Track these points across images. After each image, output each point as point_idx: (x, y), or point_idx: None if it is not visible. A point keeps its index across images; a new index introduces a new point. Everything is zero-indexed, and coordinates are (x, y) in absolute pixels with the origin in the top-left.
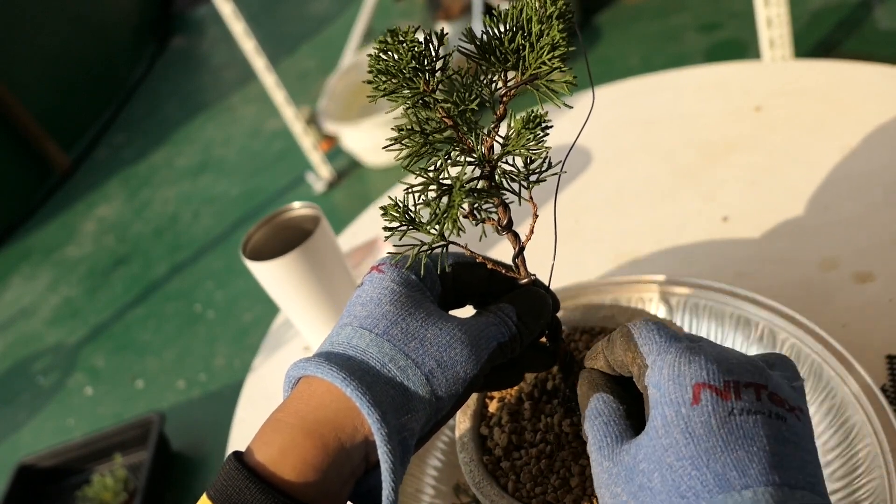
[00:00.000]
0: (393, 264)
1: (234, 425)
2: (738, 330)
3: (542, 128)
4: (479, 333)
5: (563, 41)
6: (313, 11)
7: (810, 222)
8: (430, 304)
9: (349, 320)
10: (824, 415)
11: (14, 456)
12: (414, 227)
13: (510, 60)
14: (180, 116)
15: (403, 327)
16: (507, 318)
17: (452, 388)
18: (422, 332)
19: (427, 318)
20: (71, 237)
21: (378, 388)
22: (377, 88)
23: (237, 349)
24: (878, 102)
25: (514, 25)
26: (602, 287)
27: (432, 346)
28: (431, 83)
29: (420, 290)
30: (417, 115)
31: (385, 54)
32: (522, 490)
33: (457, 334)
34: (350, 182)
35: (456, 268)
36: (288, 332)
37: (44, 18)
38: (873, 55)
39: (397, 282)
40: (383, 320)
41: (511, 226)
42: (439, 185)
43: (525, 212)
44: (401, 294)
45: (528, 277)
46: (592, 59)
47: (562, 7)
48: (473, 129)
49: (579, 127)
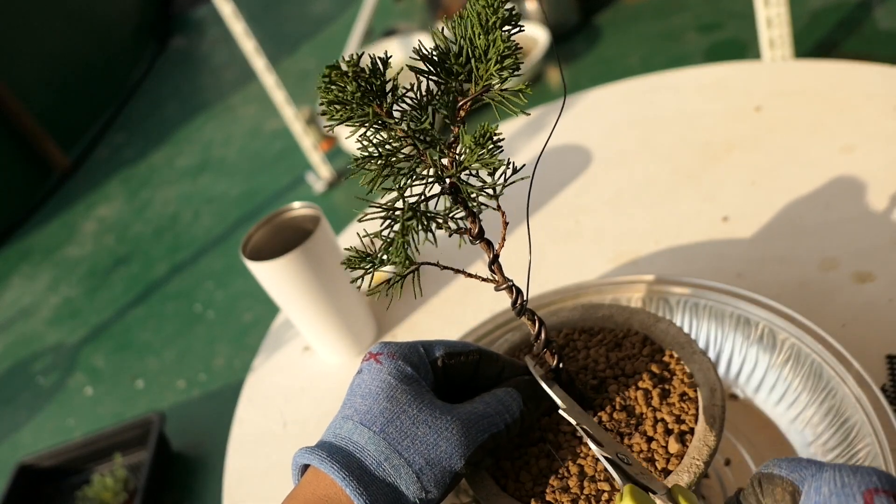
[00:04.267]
0: (389, 355)
1: (234, 425)
2: (738, 330)
3: (494, 142)
4: (471, 426)
5: (511, 51)
6: (313, 11)
7: (810, 222)
8: (423, 398)
9: (351, 413)
10: (824, 415)
11: (14, 456)
12: (375, 267)
13: (462, 74)
14: (180, 116)
15: (398, 425)
16: (512, 404)
17: (440, 481)
18: (413, 429)
19: (418, 416)
20: (71, 237)
21: (374, 488)
22: (332, 118)
23: (237, 349)
24: (878, 102)
25: (461, 38)
26: (602, 287)
27: (422, 445)
28: (385, 106)
29: (415, 383)
30: (374, 139)
31: (332, 86)
32: (522, 490)
33: (444, 432)
34: (350, 182)
35: (445, 359)
36: (288, 332)
37: (44, 18)
38: (873, 55)
39: (394, 375)
40: (381, 417)
41: (482, 235)
42: (387, 215)
43: (514, 218)
44: (396, 388)
45: (506, 284)
46: (592, 59)
47: (504, 14)
48: (434, 145)
49: (578, 127)
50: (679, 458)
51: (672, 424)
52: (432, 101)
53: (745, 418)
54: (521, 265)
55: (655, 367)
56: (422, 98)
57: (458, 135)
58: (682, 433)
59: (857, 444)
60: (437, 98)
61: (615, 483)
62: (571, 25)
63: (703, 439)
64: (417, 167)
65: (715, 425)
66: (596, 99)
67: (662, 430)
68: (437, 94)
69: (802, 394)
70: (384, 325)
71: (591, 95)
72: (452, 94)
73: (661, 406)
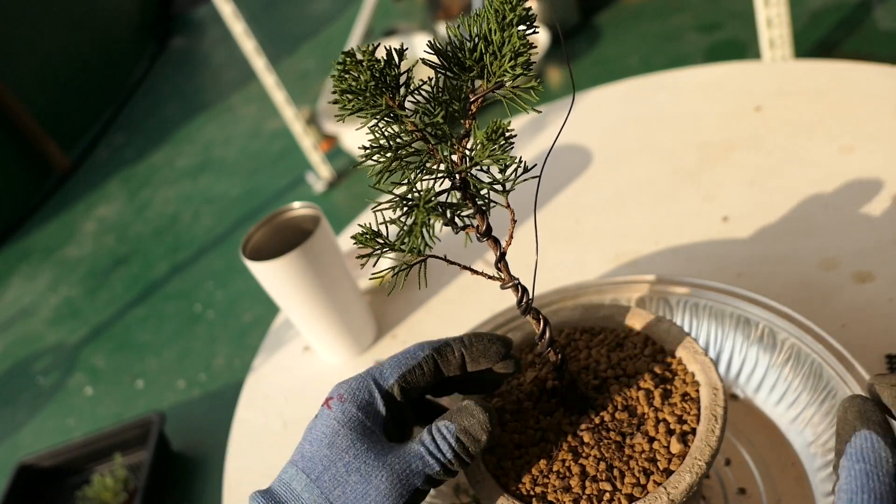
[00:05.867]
0: (339, 398)
1: (234, 425)
2: (738, 330)
3: (507, 138)
4: (403, 471)
5: (525, 48)
6: (313, 11)
7: (810, 222)
8: (362, 444)
9: (297, 458)
10: (824, 415)
11: (14, 456)
12: (386, 248)
13: (474, 70)
14: (180, 116)
15: (333, 473)
16: (443, 442)
17: None
18: (346, 477)
19: (352, 463)
20: (71, 237)
21: None
22: (343, 108)
23: (237, 349)
24: (878, 102)
25: (477, 34)
26: (602, 287)
27: (352, 494)
28: (397, 98)
29: (358, 426)
30: (385, 131)
31: (346, 74)
32: (522, 489)
33: (374, 480)
34: (350, 182)
35: (401, 382)
36: (288, 332)
37: (44, 18)
38: (873, 55)
39: (339, 420)
40: (319, 465)
41: (490, 232)
42: (404, 203)
43: (517, 217)
44: (338, 434)
45: (512, 282)
46: (592, 59)
47: (521, 13)
48: (445, 140)
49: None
50: (681, 458)
51: (674, 425)
52: (444, 96)
53: (745, 418)
54: (524, 264)
55: (657, 368)
56: (435, 92)
57: (469, 130)
58: (684, 433)
59: None
60: (450, 92)
61: None
62: (571, 25)
63: (705, 439)
64: (427, 161)
65: (717, 426)
66: (596, 99)
67: (664, 430)
68: (449, 89)
69: (802, 394)
70: (384, 326)
71: (591, 95)
72: (465, 89)
73: (662, 406)
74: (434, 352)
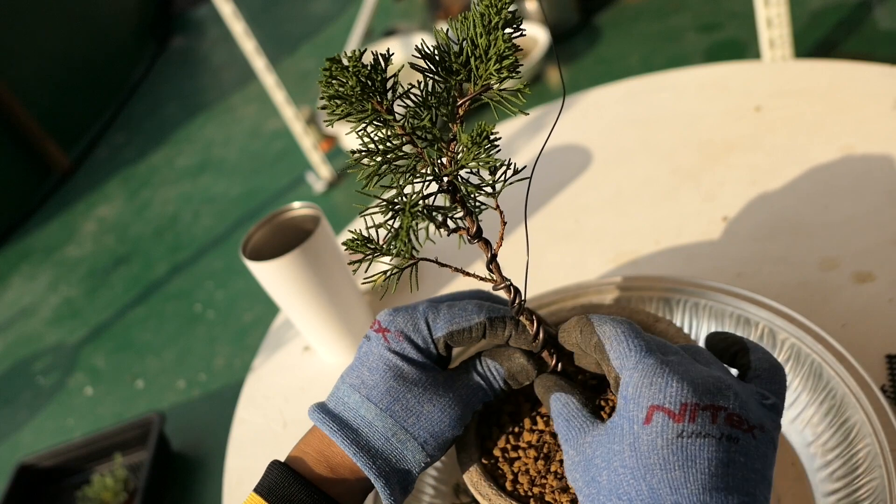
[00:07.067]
0: (397, 334)
1: (234, 425)
2: (738, 330)
3: (491, 142)
4: (468, 400)
5: (511, 51)
6: (313, 11)
7: (810, 222)
8: (426, 378)
9: (358, 384)
10: (824, 415)
11: (14, 456)
12: (378, 253)
13: (462, 73)
14: (180, 116)
15: (403, 403)
16: (495, 381)
17: (442, 447)
18: (418, 407)
19: (423, 394)
20: (71, 237)
21: (381, 460)
22: (332, 113)
23: (237, 349)
24: (878, 102)
25: (463, 38)
26: (602, 287)
27: (427, 421)
28: (385, 103)
29: (418, 364)
30: (373, 136)
31: (333, 80)
32: (521, 490)
33: (447, 408)
34: (350, 182)
35: (447, 339)
36: (288, 332)
37: (44, 18)
38: (873, 55)
39: (400, 356)
40: (387, 396)
41: (480, 234)
42: (390, 208)
43: (513, 218)
44: (401, 369)
45: (504, 283)
46: (592, 59)
47: (507, 16)
48: (434, 143)
49: (578, 127)
50: None
51: None
52: (432, 100)
53: None
54: (522, 265)
55: None
56: (423, 96)
57: (456, 133)
58: None
59: (857, 444)
60: (438, 96)
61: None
62: (571, 25)
63: None
64: (416, 165)
65: None
66: (596, 99)
67: None
68: (437, 93)
69: (802, 394)
70: None
71: (591, 95)
72: (452, 92)
73: None
74: (488, 321)
